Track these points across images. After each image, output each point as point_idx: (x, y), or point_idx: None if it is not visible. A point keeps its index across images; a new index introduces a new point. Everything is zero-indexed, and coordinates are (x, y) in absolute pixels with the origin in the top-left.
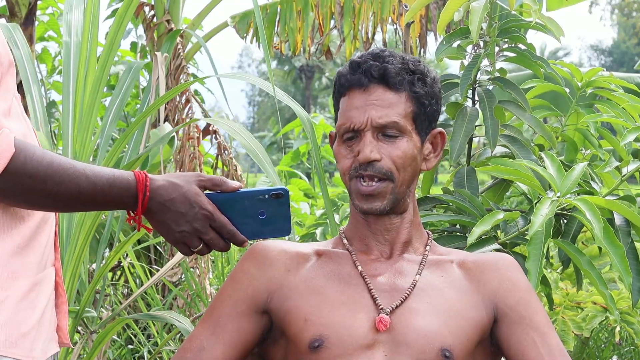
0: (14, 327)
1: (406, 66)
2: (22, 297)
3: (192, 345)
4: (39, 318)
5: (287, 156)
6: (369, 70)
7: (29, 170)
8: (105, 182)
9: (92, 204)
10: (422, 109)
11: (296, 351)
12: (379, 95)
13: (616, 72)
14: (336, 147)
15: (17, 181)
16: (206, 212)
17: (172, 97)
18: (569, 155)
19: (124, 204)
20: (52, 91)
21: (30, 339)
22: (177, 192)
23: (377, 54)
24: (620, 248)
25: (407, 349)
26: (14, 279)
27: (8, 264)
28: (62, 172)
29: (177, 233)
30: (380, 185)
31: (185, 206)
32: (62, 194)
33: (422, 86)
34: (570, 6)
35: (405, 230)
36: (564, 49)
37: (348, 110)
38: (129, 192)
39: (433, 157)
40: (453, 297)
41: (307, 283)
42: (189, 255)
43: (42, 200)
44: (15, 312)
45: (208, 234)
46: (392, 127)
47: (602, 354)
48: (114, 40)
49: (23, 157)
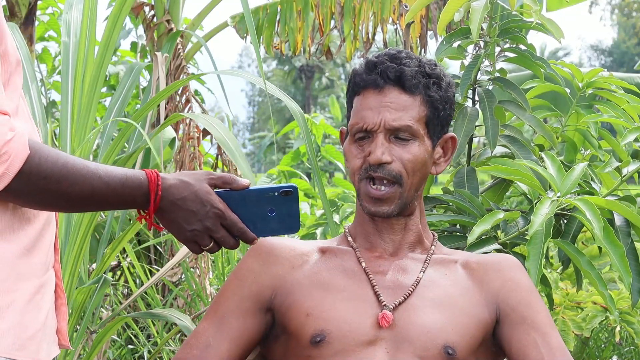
0: (21, 330)
1: (422, 69)
2: (29, 299)
3: (198, 342)
4: (44, 320)
5: (287, 156)
6: (386, 72)
7: (44, 171)
8: (118, 181)
9: (104, 203)
10: (435, 114)
11: (297, 346)
12: (394, 97)
13: (616, 72)
14: (347, 145)
15: (32, 182)
16: (217, 210)
17: (170, 94)
18: (569, 156)
19: (136, 203)
20: (52, 91)
21: (36, 342)
22: (189, 190)
23: (395, 55)
24: (620, 248)
25: (410, 346)
26: (21, 280)
27: (15, 265)
28: (76, 172)
29: (188, 232)
30: (390, 190)
31: (197, 205)
32: (76, 194)
33: (437, 90)
34: (570, 6)
35: (411, 231)
36: (564, 49)
37: (362, 110)
38: (141, 191)
39: (443, 161)
40: (456, 295)
41: (310, 278)
42: (199, 253)
43: (55, 200)
44: (23, 314)
45: (219, 232)
46: (405, 130)
47: (602, 354)
48: (110, 40)
49: (38, 158)
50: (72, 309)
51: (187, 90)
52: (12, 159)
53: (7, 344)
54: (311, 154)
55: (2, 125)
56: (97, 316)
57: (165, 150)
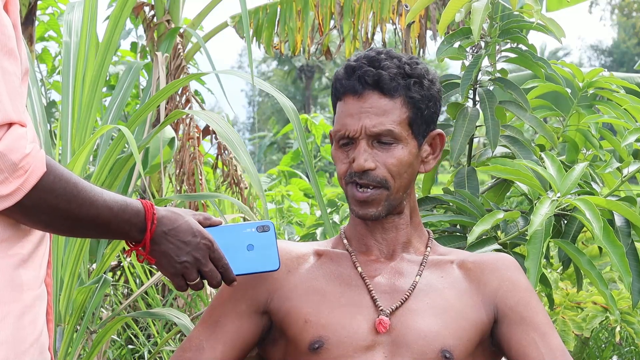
0: (15, 344)
1: (402, 70)
2: (24, 312)
3: (191, 345)
4: (39, 335)
5: (287, 156)
6: (363, 77)
7: (57, 189)
8: (119, 207)
9: (104, 228)
10: (418, 114)
11: (296, 352)
12: (373, 102)
13: (616, 72)
14: (333, 150)
15: (44, 199)
16: (207, 241)
17: (170, 94)
18: (570, 156)
19: (130, 232)
20: (52, 91)
21: (29, 356)
22: (181, 220)
23: (373, 58)
24: (620, 248)
25: (407, 351)
26: (17, 292)
27: (13, 277)
28: (85, 194)
29: (178, 264)
30: (375, 192)
31: (188, 235)
32: (82, 216)
33: (418, 90)
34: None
35: (403, 230)
36: (564, 49)
37: (343, 116)
38: (139, 219)
39: (432, 158)
40: (453, 297)
41: (307, 284)
42: (184, 291)
43: (61, 220)
44: (18, 328)
45: (207, 266)
46: (386, 135)
47: (602, 354)
48: (111, 40)
49: (53, 176)
50: (72, 309)
51: (187, 90)
52: (28, 174)
53: (0, 357)
54: (305, 152)
55: (20, 138)
56: (97, 316)
57: (165, 150)
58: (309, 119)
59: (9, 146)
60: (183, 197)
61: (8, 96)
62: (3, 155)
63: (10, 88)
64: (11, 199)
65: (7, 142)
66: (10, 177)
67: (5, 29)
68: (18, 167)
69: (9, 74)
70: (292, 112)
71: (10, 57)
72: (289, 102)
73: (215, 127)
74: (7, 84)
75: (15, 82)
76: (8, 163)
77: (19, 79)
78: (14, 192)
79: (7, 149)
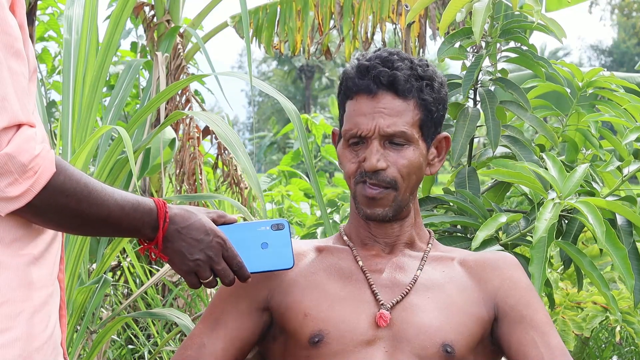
0: (29, 341)
1: (415, 72)
2: (38, 309)
3: (192, 343)
4: (52, 332)
5: (288, 156)
6: (378, 77)
7: (67, 189)
8: (131, 206)
9: (116, 227)
10: (429, 116)
11: (296, 346)
12: (387, 103)
13: (616, 72)
14: (340, 149)
15: (53, 200)
16: (220, 239)
17: (170, 96)
18: (570, 156)
19: (143, 230)
20: (52, 91)
21: (42, 353)
22: (194, 218)
23: (387, 58)
24: (622, 250)
25: (408, 345)
26: (31, 290)
27: (26, 275)
28: (96, 193)
29: (191, 262)
30: (384, 191)
31: (201, 233)
32: (93, 215)
33: (430, 92)
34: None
35: (406, 233)
36: (564, 49)
37: (355, 115)
38: (151, 217)
39: (437, 161)
40: (454, 292)
41: (308, 278)
42: (197, 288)
43: (72, 220)
44: (31, 325)
45: (220, 264)
46: (399, 136)
47: (603, 354)
48: (112, 39)
49: (63, 176)
50: (72, 309)
51: (187, 90)
52: (38, 175)
53: (14, 354)
54: (306, 152)
55: (30, 139)
56: (97, 316)
57: (165, 151)
58: (310, 119)
59: (18, 148)
60: (183, 197)
61: (16, 97)
62: (12, 157)
63: (18, 89)
64: (21, 200)
65: (16, 143)
66: (20, 178)
67: (11, 29)
68: (27, 168)
69: (17, 75)
70: (293, 114)
71: (18, 57)
72: (290, 104)
73: (214, 128)
74: (15, 84)
75: (23, 82)
76: (17, 164)
77: (27, 79)
78: (24, 193)
79: (17, 151)
